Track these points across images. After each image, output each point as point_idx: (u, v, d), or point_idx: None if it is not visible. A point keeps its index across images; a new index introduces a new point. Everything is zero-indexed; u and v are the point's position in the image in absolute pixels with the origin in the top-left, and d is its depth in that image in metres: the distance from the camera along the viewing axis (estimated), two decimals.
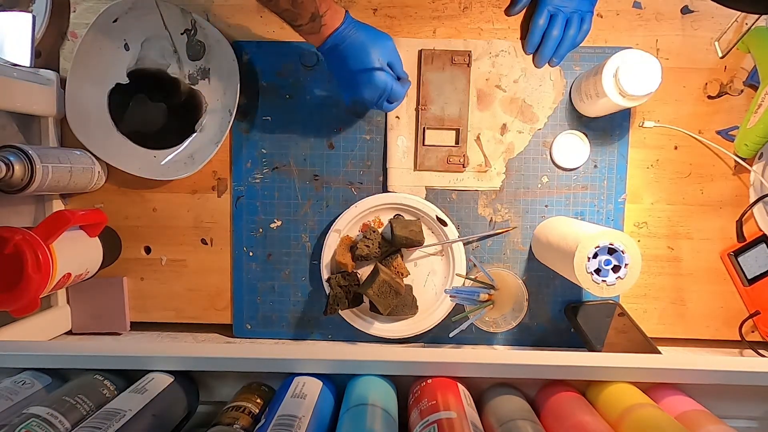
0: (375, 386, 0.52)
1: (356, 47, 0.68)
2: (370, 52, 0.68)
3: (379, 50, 0.69)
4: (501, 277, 0.73)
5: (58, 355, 0.54)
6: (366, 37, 0.68)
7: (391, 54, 0.71)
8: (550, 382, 0.55)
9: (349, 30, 0.68)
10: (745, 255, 0.80)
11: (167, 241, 0.84)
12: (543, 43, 0.78)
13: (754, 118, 0.77)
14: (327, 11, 0.65)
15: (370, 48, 0.68)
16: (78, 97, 0.79)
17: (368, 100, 0.71)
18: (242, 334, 0.84)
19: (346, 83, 0.72)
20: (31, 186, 0.69)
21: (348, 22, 0.68)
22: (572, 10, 0.76)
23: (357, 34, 0.68)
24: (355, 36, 0.68)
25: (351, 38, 0.68)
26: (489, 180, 0.82)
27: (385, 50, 0.69)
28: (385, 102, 0.72)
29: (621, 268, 0.64)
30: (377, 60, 0.68)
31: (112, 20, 0.78)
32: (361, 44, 0.68)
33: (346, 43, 0.68)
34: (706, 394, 0.53)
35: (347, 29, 0.67)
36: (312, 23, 0.65)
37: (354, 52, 0.68)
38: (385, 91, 0.70)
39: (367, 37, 0.68)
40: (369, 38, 0.68)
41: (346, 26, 0.67)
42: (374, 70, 0.68)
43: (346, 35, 0.67)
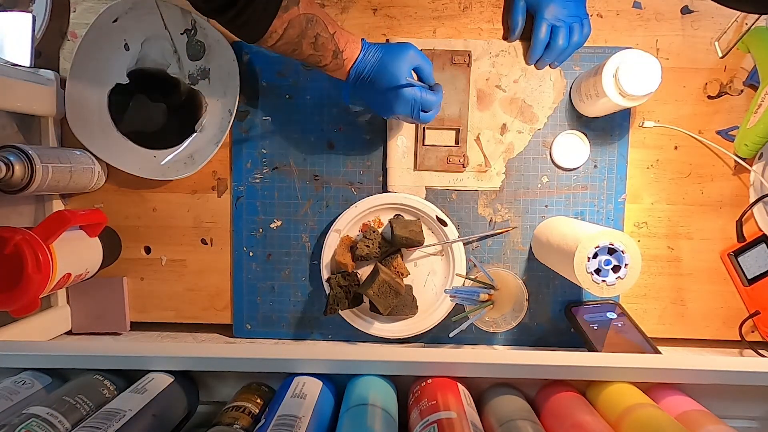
0: (375, 386, 0.52)
1: (378, 69, 0.68)
2: (392, 68, 0.68)
3: (401, 63, 0.68)
4: (501, 277, 0.73)
5: (58, 355, 0.54)
6: (385, 56, 0.69)
7: (415, 61, 0.70)
8: (550, 382, 0.55)
9: (369, 55, 0.69)
10: (745, 255, 0.80)
11: (167, 241, 0.84)
12: (547, 53, 0.78)
13: (754, 118, 0.77)
14: (346, 44, 0.67)
15: (390, 64, 0.68)
16: (78, 97, 0.79)
17: (403, 115, 0.72)
18: (242, 334, 0.84)
19: (379, 106, 0.73)
20: (31, 186, 0.69)
21: (366, 48, 0.69)
22: (571, 18, 0.76)
23: (376, 55, 0.69)
24: (374, 59, 0.69)
25: (371, 62, 0.69)
26: (489, 180, 0.82)
27: (406, 61, 0.69)
28: (420, 113, 0.71)
29: (621, 268, 0.64)
30: (401, 74, 0.68)
31: (112, 20, 0.78)
32: (382, 64, 0.68)
33: (368, 68, 0.69)
34: (706, 394, 0.53)
35: (367, 55, 0.69)
36: (335, 60, 0.68)
37: (377, 74, 0.69)
38: (416, 102, 0.70)
39: (386, 55, 0.69)
40: (388, 56, 0.69)
41: (365, 53, 0.69)
42: (399, 86, 0.69)
43: (367, 61, 0.69)
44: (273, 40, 0.63)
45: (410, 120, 0.73)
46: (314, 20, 0.64)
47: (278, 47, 0.65)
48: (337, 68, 0.69)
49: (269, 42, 0.64)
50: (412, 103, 0.70)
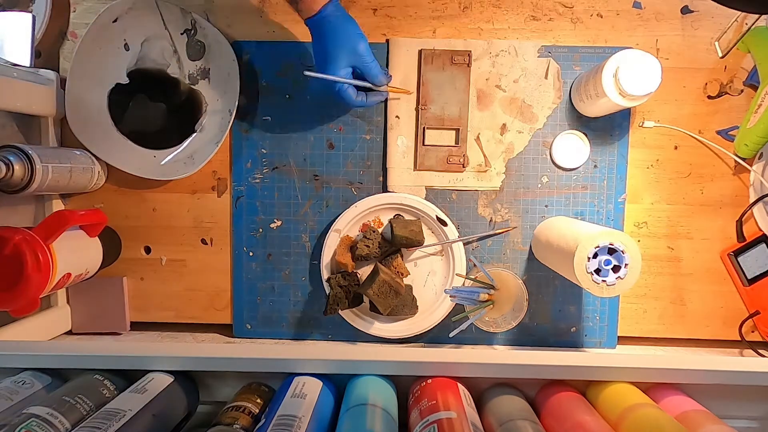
0: (375, 386, 0.52)
1: (322, 37, 0.69)
2: (330, 47, 0.69)
3: (342, 48, 0.69)
4: (501, 277, 0.73)
5: (58, 355, 0.54)
6: (334, 31, 0.69)
7: (357, 59, 0.71)
8: (550, 382, 0.55)
9: (324, 20, 0.69)
10: (745, 255, 0.79)
11: (167, 241, 0.84)
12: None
13: (754, 118, 0.77)
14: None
15: (331, 43, 0.69)
16: (78, 97, 0.79)
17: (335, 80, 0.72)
18: (242, 334, 0.84)
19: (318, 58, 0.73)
20: (31, 186, 0.69)
21: (326, 11, 0.68)
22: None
23: (327, 25, 0.69)
24: (325, 27, 0.69)
25: (322, 27, 0.69)
26: (489, 180, 0.82)
27: (348, 51, 0.70)
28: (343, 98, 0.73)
29: (621, 268, 0.64)
30: (336, 57, 0.69)
31: (112, 20, 0.78)
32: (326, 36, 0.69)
33: (316, 31, 0.70)
34: (706, 394, 0.53)
35: (321, 18, 0.68)
36: (293, 3, 0.69)
37: (320, 41, 0.70)
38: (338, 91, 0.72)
39: (336, 31, 0.69)
40: (336, 33, 0.69)
41: (321, 15, 0.68)
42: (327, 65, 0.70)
43: (319, 22, 0.69)
44: None
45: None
46: None
47: None
48: (298, 11, 0.69)
49: None
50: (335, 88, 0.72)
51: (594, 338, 0.82)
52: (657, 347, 0.83)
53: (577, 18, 0.80)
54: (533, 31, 0.81)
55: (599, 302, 0.82)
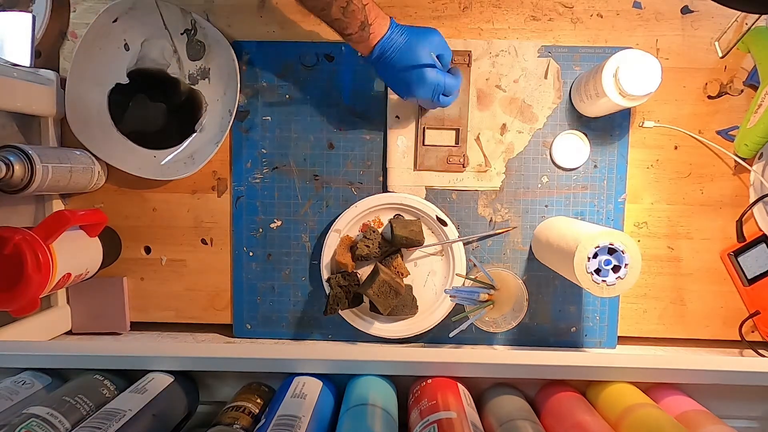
0: (375, 386, 0.52)
1: (403, 50, 0.69)
2: (417, 50, 0.69)
3: (427, 47, 0.69)
4: (501, 277, 0.73)
5: (58, 355, 0.54)
6: (411, 37, 0.69)
7: (439, 47, 0.71)
8: (550, 382, 0.55)
9: (396, 34, 0.69)
10: (745, 255, 0.79)
11: (167, 241, 0.84)
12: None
13: (754, 118, 0.77)
14: (375, 19, 0.68)
15: (416, 47, 0.69)
16: (78, 97, 0.79)
17: (423, 98, 0.72)
18: (242, 334, 0.84)
19: (399, 86, 0.73)
20: (31, 186, 0.69)
21: (393, 27, 0.69)
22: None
23: (402, 37, 0.69)
24: (400, 39, 0.69)
25: (397, 42, 0.69)
26: (489, 180, 0.82)
27: (432, 45, 0.70)
28: (440, 97, 0.72)
29: (621, 268, 0.64)
30: (425, 57, 0.69)
31: (112, 20, 0.78)
32: (408, 45, 0.69)
33: (393, 47, 0.69)
34: (706, 394, 0.53)
35: (393, 34, 0.69)
36: (361, 32, 0.68)
37: (401, 55, 0.69)
38: (438, 86, 0.70)
39: (412, 36, 0.69)
40: (414, 37, 0.69)
41: (392, 32, 0.69)
42: (423, 67, 0.69)
43: (394, 40, 0.69)
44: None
45: (429, 103, 0.74)
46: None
47: (310, 1, 0.65)
48: (362, 41, 0.69)
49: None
50: (434, 87, 0.70)
51: (594, 338, 0.82)
52: (657, 347, 0.83)
53: (577, 18, 0.80)
54: (533, 31, 0.81)
55: (599, 302, 0.82)
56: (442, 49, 0.71)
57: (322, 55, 0.81)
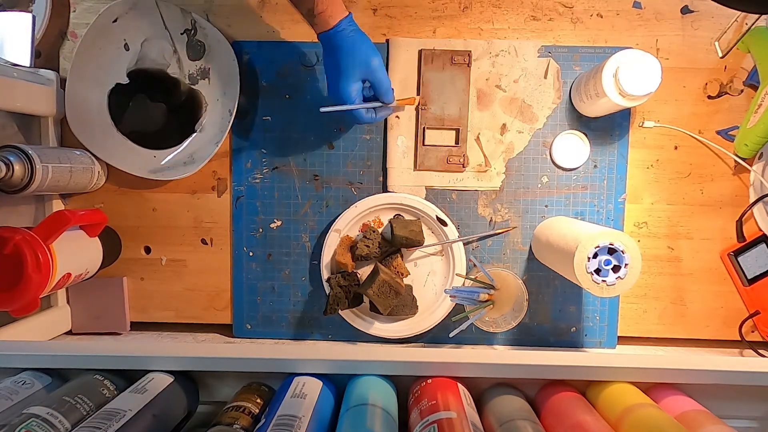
0: (375, 386, 0.52)
1: (336, 52, 0.69)
2: (344, 62, 0.69)
3: (355, 64, 0.69)
4: (501, 277, 0.73)
5: (58, 355, 0.54)
6: (349, 47, 0.68)
7: (370, 74, 0.70)
8: (550, 382, 0.55)
9: (342, 34, 0.68)
10: (745, 255, 0.79)
11: (167, 241, 0.84)
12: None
13: (754, 118, 0.77)
14: (326, 9, 0.67)
15: (345, 59, 0.68)
16: (78, 97, 0.79)
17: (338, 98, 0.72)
18: (242, 334, 0.84)
19: (328, 75, 0.72)
20: (31, 186, 0.69)
21: (341, 26, 0.68)
22: None
23: (342, 41, 0.68)
24: (340, 42, 0.68)
25: (336, 42, 0.68)
26: (489, 180, 0.82)
27: (361, 66, 0.69)
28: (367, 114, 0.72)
29: (621, 268, 0.64)
30: (348, 73, 0.69)
31: (112, 20, 0.78)
32: (341, 51, 0.68)
33: (330, 46, 0.69)
34: (706, 394, 0.53)
35: (336, 33, 0.68)
36: (308, 18, 0.69)
37: (333, 56, 0.69)
38: (347, 102, 0.70)
39: (351, 46, 0.68)
40: (351, 48, 0.68)
41: (336, 30, 0.68)
42: (339, 81, 0.69)
43: (334, 37, 0.68)
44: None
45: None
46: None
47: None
48: (312, 26, 0.69)
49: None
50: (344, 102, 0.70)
51: (594, 338, 0.82)
52: (657, 347, 0.83)
53: (577, 18, 0.80)
54: (533, 31, 0.81)
55: (599, 302, 0.82)
56: (374, 76, 0.70)
57: (322, 55, 0.81)
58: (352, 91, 0.70)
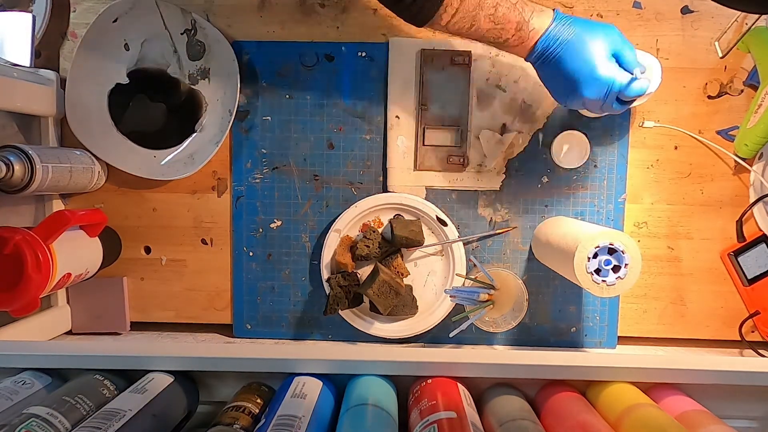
0: (375, 386, 0.52)
1: (571, 42, 0.59)
2: (588, 43, 0.59)
3: (601, 40, 0.59)
4: (501, 277, 0.73)
5: (58, 355, 0.54)
6: (581, 29, 0.59)
7: (617, 44, 0.60)
8: (550, 382, 0.55)
9: (560, 27, 0.60)
10: (745, 255, 0.79)
11: (167, 241, 0.84)
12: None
13: (754, 118, 0.77)
14: (533, 13, 0.60)
15: (587, 39, 0.59)
16: (78, 97, 0.79)
17: (592, 99, 0.61)
18: (242, 334, 0.84)
19: (563, 87, 0.63)
20: (31, 186, 0.69)
21: (558, 19, 0.60)
22: None
23: (570, 29, 0.60)
24: (568, 32, 0.59)
25: (563, 35, 0.59)
26: (489, 180, 0.82)
27: (607, 40, 0.60)
28: (614, 101, 0.62)
29: (621, 268, 0.64)
30: (599, 51, 0.59)
31: (112, 20, 0.78)
32: (577, 37, 0.59)
33: (559, 41, 0.60)
34: (706, 394, 0.53)
35: (558, 27, 0.60)
36: (518, 33, 0.60)
37: (568, 48, 0.59)
38: (612, 85, 0.60)
39: (582, 28, 0.60)
40: (585, 29, 0.60)
41: (556, 24, 0.60)
42: (596, 64, 0.59)
43: (559, 34, 0.60)
44: (449, 16, 0.57)
45: (598, 107, 0.63)
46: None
47: (454, 24, 0.58)
48: (521, 42, 0.60)
49: (444, 19, 0.57)
50: (608, 86, 0.60)
51: (594, 338, 0.82)
52: (657, 347, 0.83)
53: None
54: None
55: (599, 302, 0.82)
56: (620, 46, 0.60)
57: (322, 55, 0.81)
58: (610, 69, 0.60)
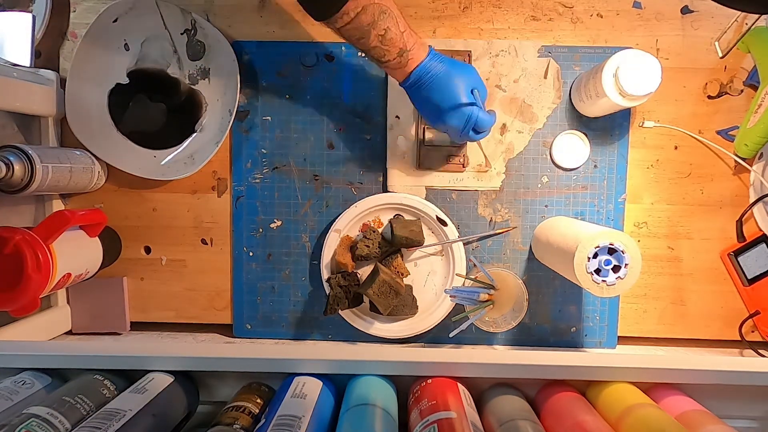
0: (375, 386, 0.52)
1: (441, 77, 0.68)
2: (455, 79, 0.68)
3: (464, 79, 0.69)
4: (501, 277, 0.73)
5: (58, 355, 0.54)
6: (451, 69, 0.69)
7: (476, 82, 0.70)
8: (550, 382, 0.55)
9: (434, 62, 0.69)
10: (745, 255, 0.79)
11: (167, 241, 0.84)
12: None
13: (754, 118, 0.77)
14: (413, 46, 0.67)
15: (454, 76, 0.68)
16: (78, 97, 0.79)
17: (454, 127, 0.71)
18: (242, 334, 0.84)
19: (431, 113, 0.72)
20: (31, 186, 0.69)
21: (432, 55, 0.69)
22: None
23: (441, 65, 0.69)
24: (439, 67, 0.68)
25: (435, 69, 0.68)
26: (489, 180, 0.82)
27: (469, 78, 0.69)
28: (470, 131, 0.71)
29: (621, 268, 0.64)
30: (462, 88, 0.69)
31: (112, 20, 0.78)
32: (446, 73, 0.68)
33: (431, 74, 0.68)
34: (706, 394, 0.53)
35: (432, 61, 0.68)
36: (399, 58, 0.67)
37: (439, 81, 0.68)
38: (470, 117, 0.69)
39: (453, 68, 0.69)
40: (453, 67, 0.69)
41: (430, 59, 0.68)
42: (459, 97, 0.68)
43: (431, 67, 0.68)
44: (343, 22, 0.63)
45: (458, 135, 0.72)
46: (387, 13, 0.64)
47: (346, 30, 0.64)
48: (399, 67, 0.68)
49: (339, 23, 0.63)
50: (467, 118, 0.69)
51: (594, 338, 0.82)
52: (657, 347, 0.83)
53: (577, 18, 0.80)
54: (533, 31, 0.81)
55: (599, 302, 0.82)
56: (478, 85, 0.70)
57: (322, 55, 0.81)
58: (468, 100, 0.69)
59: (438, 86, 0.69)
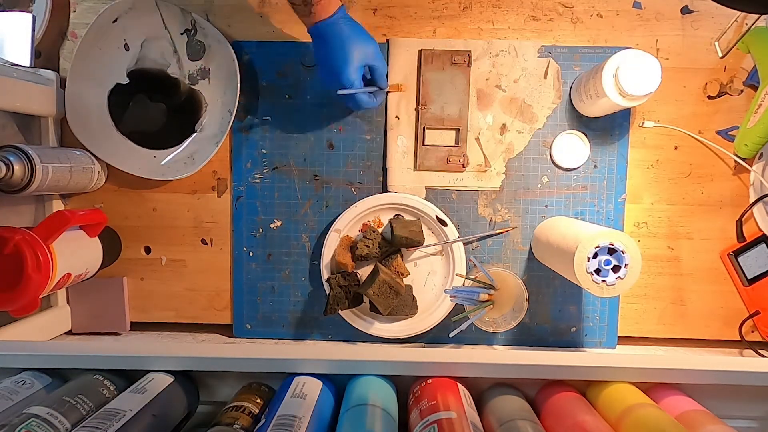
0: (375, 386, 0.52)
1: (336, 40, 0.69)
2: (349, 49, 0.69)
3: (360, 50, 0.70)
4: (501, 277, 0.73)
5: (58, 355, 0.54)
6: (351, 33, 0.70)
7: (371, 59, 0.71)
8: (550, 382, 0.55)
9: (338, 23, 0.69)
10: (745, 255, 0.79)
11: (167, 241, 0.84)
12: None
13: (754, 118, 0.77)
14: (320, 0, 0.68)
15: (350, 45, 0.69)
16: (78, 97, 0.79)
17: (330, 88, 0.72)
18: (242, 334, 0.84)
19: (322, 70, 0.73)
20: (31, 186, 0.69)
21: (340, 15, 0.69)
22: None
23: (343, 29, 0.69)
24: (340, 30, 0.69)
25: (335, 30, 0.69)
26: (489, 180, 0.82)
27: (365, 53, 0.70)
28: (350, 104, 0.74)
29: (621, 268, 0.64)
30: (354, 60, 0.69)
31: (112, 20, 0.78)
32: (343, 39, 0.69)
33: (330, 33, 0.69)
34: (706, 394, 0.53)
35: (336, 21, 0.69)
36: (303, 6, 0.68)
37: (333, 44, 0.69)
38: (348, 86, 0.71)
39: (353, 33, 0.70)
40: (353, 35, 0.70)
41: (336, 17, 0.69)
42: (346, 69, 0.69)
43: (333, 26, 0.69)
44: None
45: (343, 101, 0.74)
46: None
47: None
48: (304, 15, 0.69)
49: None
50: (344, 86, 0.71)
51: (594, 338, 0.82)
52: (657, 347, 0.83)
53: (577, 18, 0.80)
54: (533, 31, 0.81)
55: (599, 302, 0.82)
56: (374, 61, 0.72)
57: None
58: (355, 75, 0.71)
59: (333, 47, 0.70)
